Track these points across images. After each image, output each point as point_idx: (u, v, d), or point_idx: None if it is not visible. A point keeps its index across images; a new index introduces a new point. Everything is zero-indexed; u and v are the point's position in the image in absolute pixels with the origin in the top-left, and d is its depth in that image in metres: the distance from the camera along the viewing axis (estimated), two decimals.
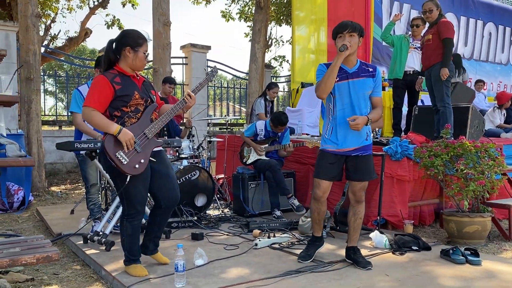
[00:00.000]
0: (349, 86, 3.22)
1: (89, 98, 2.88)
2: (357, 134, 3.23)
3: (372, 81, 3.25)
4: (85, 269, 3.58)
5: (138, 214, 3.11)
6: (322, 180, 3.31)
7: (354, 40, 3.16)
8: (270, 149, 5.30)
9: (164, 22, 7.92)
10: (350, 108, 3.23)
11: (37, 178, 6.99)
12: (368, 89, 3.25)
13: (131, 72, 3.02)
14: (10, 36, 8.71)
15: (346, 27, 3.15)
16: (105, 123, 2.87)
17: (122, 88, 2.92)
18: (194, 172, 5.21)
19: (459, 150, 4.09)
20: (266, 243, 3.89)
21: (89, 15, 12.86)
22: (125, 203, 3.07)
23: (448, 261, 3.43)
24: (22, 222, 5.32)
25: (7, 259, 2.06)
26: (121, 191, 2.99)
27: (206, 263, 3.38)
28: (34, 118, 7.00)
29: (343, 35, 3.16)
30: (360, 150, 3.27)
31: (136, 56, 2.97)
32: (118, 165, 2.86)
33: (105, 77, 2.90)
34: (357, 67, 3.26)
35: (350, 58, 3.23)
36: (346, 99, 3.23)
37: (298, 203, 5.10)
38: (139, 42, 2.97)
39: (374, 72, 3.27)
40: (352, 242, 3.41)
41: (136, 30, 3.06)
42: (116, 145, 2.86)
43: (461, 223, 4.09)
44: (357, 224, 3.39)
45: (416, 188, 4.90)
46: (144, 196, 3.11)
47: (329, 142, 3.30)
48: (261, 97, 6.55)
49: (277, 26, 13.78)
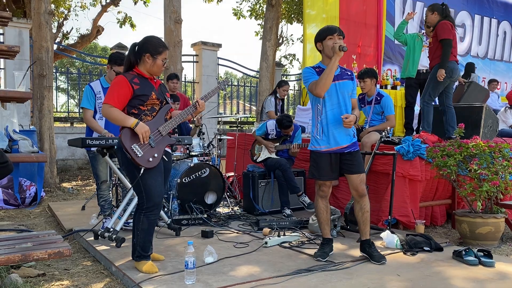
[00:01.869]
0: (336, 87, 3.42)
1: (109, 96, 3.03)
2: (346, 132, 3.43)
3: (351, 84, 3.48)
4: (95, 265, 3.60)
5: (156, 208, 3.16)
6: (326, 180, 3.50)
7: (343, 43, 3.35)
8: (281, 148, 5.29)
9: (176, 20, 7.93)
10: (338, 108, 3.41)
11: (49, 174, 7.06)
12: (350, 91, 3.46)
13: (148, 75, 3.18)
14: (23, 33, 8.80)
15: (336, 30, 3.37)
16: (122, 117, 3.02)
17: (140, 88, 3.08)
18: (204, 170, 5.21)
19: (473, 150, 4.03)
20: (276, 242, 3.88)
21: (101, 12, 12.94)
22: (144, 196, 3.11)
23: (460, 262, 3.38)
24: (34, 217, 5.37)
25: (19, 254, 2.08)
26: (139, 184, 3.07)
27: (216, 261, 3.38)
28: (46, 115, 7.06)
29: (333, 37, 3.35)
30: (351, 146, 3.46)
31: (154, 63, 3.13)
32: (133, 157, 2.98)
33: (125, 78, 3.06)
34: (340, 70, 3.48)
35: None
36: (335, 99, 3.42)
37: (309, 200, 5.09)
38: (159, 50, 3.12)
39: (352, 76, 3.52)
40: (365, 235, 3.48)
41: (158, 37, 3.22)
42: (132, 138, 3.01)
43: (474, 224, 4.04)
44: (365, 218, 3.47)
45: (428, 188, 4.85)
46: (162, 189, 3.20)
47: (321, 143, 3.46)
48: (272, 95, 6.53)
49: (288, 25, 13.76)
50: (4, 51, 3.36)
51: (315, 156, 3.50)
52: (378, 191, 4.71)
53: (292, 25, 14.07)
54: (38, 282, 3.13)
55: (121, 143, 3.02)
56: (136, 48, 3.15)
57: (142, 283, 2.90)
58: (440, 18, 5.32)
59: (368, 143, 4.83)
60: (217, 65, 11.64)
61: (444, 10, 5.39)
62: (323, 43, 3.40)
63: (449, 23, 5.24)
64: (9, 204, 5.72)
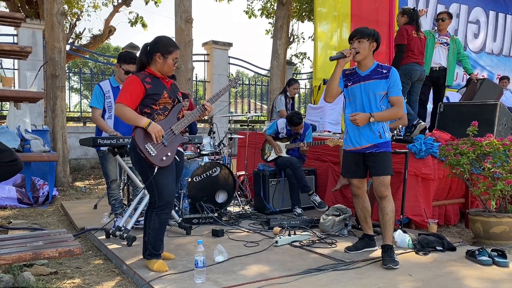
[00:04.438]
0: (361, 89, 3.40)
1: (122, 95, 3.06)
2: (368, 132, 3.38)
3: (385, 82, 3.37)
4: (107, 263, 3.63)
5: (168, 207, 3.18)
6: (351, 178, 3.57)
7: (363, 46, 3.35)
8: (291, 147, 5.26)
9: (186, 19, 7.94)
10: (361, 108, 3.40)
11: (62, 173, 7.13)
12: (380, 90, 3.37)
13: (160, 75, 3.20)
14: (37, 34, 8.90)
15: (355, 34, 3.38)
16: (135, 116, 3.05)
17: (152, 87, 3.10)
18: (215, 169, 5.21)
19: (486, 148, 3.97)
20: (286, 241, 3.87)
21: (113, 13, 13.04)
22: (156, 195, 3.13)
23: (474, 262, 3.33)
24: (47, 216, 5.43)
25: (30, 253, 2.10)
26: (152, 183, 3.09)
27: (226, 260, 3.38)
28: (59, 115, 7.13)
29: (352, 42, 3.38)
30: (373, 147, 3.40)
31: (165, 62, 3.14)
32: (147, 157, 3.00)
33: (137, 77, 3.09)
34: (371, 70, 3.42)
35: (363, 62, 3.41)
36: (358, 100, 3.42)
37: (320, 199, 5.06)
38: (169, 50, 3.13)
39: (388, 73, 3.38)
40: (384, 240, 3.42)
41: (168, 37, 3.24)
42: (145, 138, 3.03)
43: (488, 223, 3.97)
44: (385, 221, 3.40)
45: (441, 187, 4.79)
46: (174, 188, 3.22)
47: (346, 142, 3.56)
48: (282, 94, 6.50)
49: (299, 23, 13.72)
50: (17, 51, 3.40)
51: (345, 154, 3.62)
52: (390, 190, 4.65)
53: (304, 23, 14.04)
54: (50, 280, 3.17)
55: (134, 143, 3.05)
56: (147, 48, 3.17)
57: (152, 281, 2.91)
58: (407, 21, 5.67)
59: None
60: (228, 64, 11.64)
61: (413, 14, 5.72)
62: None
63: (406, 28, 5.59)
64: (23, 203, 5.79)
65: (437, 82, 6.17)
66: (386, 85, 3.37)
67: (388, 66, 3.45)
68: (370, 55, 3.41)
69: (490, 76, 9.87)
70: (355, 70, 3.49)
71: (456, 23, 9.81)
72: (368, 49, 3.38)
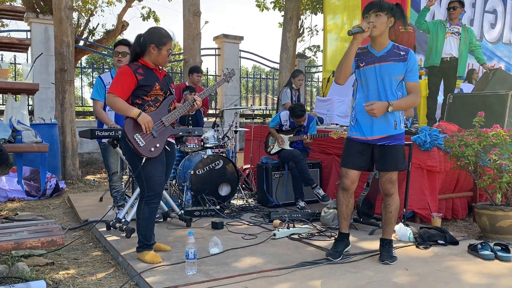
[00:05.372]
0: (375, 71, 3.04)
1: (113, 86, 3.07)
2: (383, 121, 3.05)
3: (403, 66, 3.02)
4: (105, 255, 3.64)
5: (157, 197, 3.18)
6: (349, 169, 3.17)
7: (381, 20, 2.95)
8: (295, 139, 5.19)
9: (194, 12, 7.92)
10: (376, 94, 3.04)
11: (71, 167, 7.21)
12: (397, 74, 3.02)
13: (153, 66, 3.19)
14: (49, 29, 8.98)
15: (372, 7, 2.95)
16: (126, 107, 3.05)
17: (144, 78, 3.10)
18: (218, 162, 5.18)
19: (493, 139, 3.83)
20: (284, 234, 3.82)
21: (126, 8, 13.08)
22: (144, 185, 3.14)
23: (475, 257, 3.23)
24: (53, 208, 5.49)
25: (12, 242, 2.10)
26: (141, 173, 3.09)
27: (221, 252, 3.35)
28: (68, 108, 7.20)
29: (368, 15, 2.97)
30: (387, 139, 3.08)
31: (159, 53, 3.13)
32: (135, 147, 3.01)
33: (130, 68, 3.08)
34: (387, 50, 3.05)
35: (379, 40, 3.02)
36: (372, 84, 3.05)
37: (323, 192, 4.99)
38: (163, 41, 3.11)
39: (406, 56, 3.03)
40: (384, 234, 3.26)
41: (162, 28, 3.21)
42: (134, 128, 3.04)
43: (494, 217, 3.85)
44: (388, 218, 3.20)
45: (448, 180, 4.66)
46: (163, 178, 3.22)
47: (353, 130, 3.17)
48: (287, 86, 6.42)
49: (312, 15, 13.55)
50: (16, 44, 3.42)
51: (347, 142, 3.22)
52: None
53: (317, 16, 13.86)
54: (44, 270, 3.19)
55: (123, 133, 3.05)
56: (141, 39, 3.15)
57: (143, 273, 2.90)
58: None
59: None
60: (239, 58, 11.59)
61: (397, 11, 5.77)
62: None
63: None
64: (31, 196, 5.87)
65: (448, 73, 6.00)
66: (404, 69, 3.02)
67: (406, 48, 3.07)
68: (386, 32, 3.02)
69: (508, 68, 9.59)
70: (368, 49, 3.11)
71: (472, 12, 9.54)
72: (386, 25, 2.97)
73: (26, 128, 2.89)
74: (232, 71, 3.73)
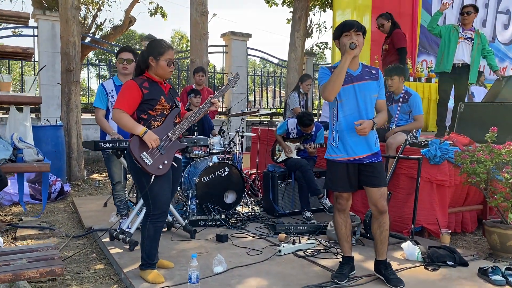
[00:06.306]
0: (354, 90, 3.07)
1: (119, 100, 3.03)
2: (365, 140, 3.08)
3: (376, 84, 3.12)
4: (107, 269, 3.60)
5: (162, 216, 3.14)
6: (341, 192, 3.17)
7: (361, 40, 3.02)
8: (301, 148, 5.11)
9: (202, 12, 7.82)
10: (357, 113, 3.07)
11: (76, 168, 7.18)
12: (374, 92, 3.10)
13: (158, 79, 3.15)
14: (56, 26, 8.89)
15: (353, 26, 3.01)
16: (132, 124, 3.00)
17: (150, 92, 3.06)
18: (224, 169, 5.12)
19: (505, 157, 3.72)
20: (290, 250, 3.75)
21: (133, 3, 12.98)
22: (150, 204, 3.09)
23: (485, 282, 3.14)
24: (58, 213, 5.47)
25: (10, 274, 2.05)
26: (146, 192, 3.05)
27: (225, 271, 3.29)
28: (74, 109, 7.16)
29: (349, 34, 3.00)
30: (372, 157, 3.11)
31: (157, 64, 3.09)
32: (143, 166, 2.96)
33: (135, 82, 3.05)
34: (361, 70, 3.12)
35: (354, 60, 3.06)
36: (353, 103, 3.08)
37: (330, 203, 4.90)
38: (160, 51, 3.07)
39: (377, 74, 3.14)
40: (381, 256, 3.17)
41: (162, 40, 3.18)
42: (141, 146, 2.99)
43: (505, 236, 3.75)
44: (384, 237, 3.15)
45: (458, 193, 4.56)
46: (169, 196, 3.18)
47: (337, 151, 3.14)
48: (295, 90, 6.32)
49: (321, 12, 13.35)
50: (20, 53, 3.35)
51: (330, 165, 3.21)
52: (402, 196, 4.47)
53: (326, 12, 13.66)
54: (47, 287, 3.15)
55: (130, 152, 3.00)
56: (143, 54, 3.13)
57: None
58: (392, 27, 6.14)
59: (394, 144, 4.57)
60: (247, 56, 11.49)
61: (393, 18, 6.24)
62: (339, 41, 3.07)
63: (403, 32, 6.22)
64: (36, 199, 5.85)
65: (459, 79, 5.86)
66: (377, 88, 3.12)
67: (374, 67, 3.19)
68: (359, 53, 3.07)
69: None
70: None
71: (484, 13, 9.35)
72: (363, 44, 3.05)
73: (27, 146, 2.83)
74: (237, 75, 3.67)
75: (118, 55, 4.20)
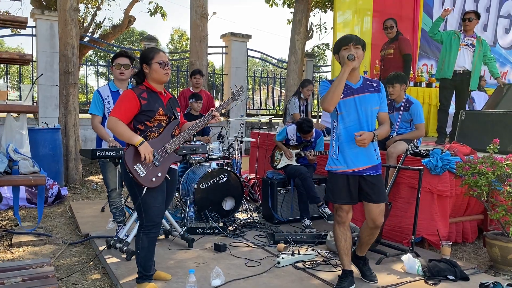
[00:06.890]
0: (355, 102, 3.09)
1: (116, 109, 2.99)
2: (366, 152, 3.09)
3: (378, 97, 3.14)
4: (104, 279, 3.55)
5: (155, 227, 3.11)
6: (342, 205, 3.18)
7: (360, 53, 3.05)
8: (301, 155, 5.07)
9: (201, 14, 7.76)
10: (358, 125, 3.09)
11: (74, 171, 7.13)
12: (375, 105, 3.13)
13: (158, 89, 3.12)
14: (55, 26, 8.81)
15: (351, 40, 3.05)
16: (128, 134, 2.96)
17: (148, 103, 3.02)
18: (223, 175, 5.08)
19: (507, 169, 3.68)
20: (289, 261, 3.71)
21: (133, 2, 12.91)
22: (143, 215, 3.05)
23: None
24: (55, 218, 5.42)
25: None
26: (139, 203, 3.01)
27: (223, 284, 3.25)
28: (72, 111, 7.10)
29: (348, 47, 3.04)
30: (372, 169, 3.12)
31: (151, 69, 3.07)
32: (136, 177, 2.92)
33: (133, 92, 3.02)
34: (361, 83, 3.14)
35: (354, 73, 3.10)
36: (353, 115, 3.10)
37: (329, 211, 4.87)
38: (150, 56, 3.06)
39: (378, 87, 3.16)
40: (362, 253, 3.42)
41: (151, 47, 3.25)
42: (135, 157, 2.94)
43: (506, 249, 3.72)
44: (370, 241, 3.38)
45: (458, 203, 4.52)
46: (162, 208, 3.15)
47: (337, 163, 3.14)
48: (295, 96, 6.26)
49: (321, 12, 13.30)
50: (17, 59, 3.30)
51: (331, 177, 3.21)
52: (401, 205, 4.43)
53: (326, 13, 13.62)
54: None
55: (124, 162, 2.95)
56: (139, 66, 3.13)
57: None
58: (398, 33, 6.09)
59: (394, 153, 4.53)
60: (246, 57, 11.43)
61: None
62: (339, 55, 3.09)
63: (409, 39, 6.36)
64: (32, 203, 5.80)
65: (460, 86, 5.82)
66: (379, 100, 3.14)
67: (376, 80, 3.22)
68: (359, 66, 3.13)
69: None
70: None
71: (485, 17, 9.30)
72: (362, 58, 3.09)
73: (23, 157, 2.79)
74: (241, 88, 3.61)
75: (115, 60, 4.13)
